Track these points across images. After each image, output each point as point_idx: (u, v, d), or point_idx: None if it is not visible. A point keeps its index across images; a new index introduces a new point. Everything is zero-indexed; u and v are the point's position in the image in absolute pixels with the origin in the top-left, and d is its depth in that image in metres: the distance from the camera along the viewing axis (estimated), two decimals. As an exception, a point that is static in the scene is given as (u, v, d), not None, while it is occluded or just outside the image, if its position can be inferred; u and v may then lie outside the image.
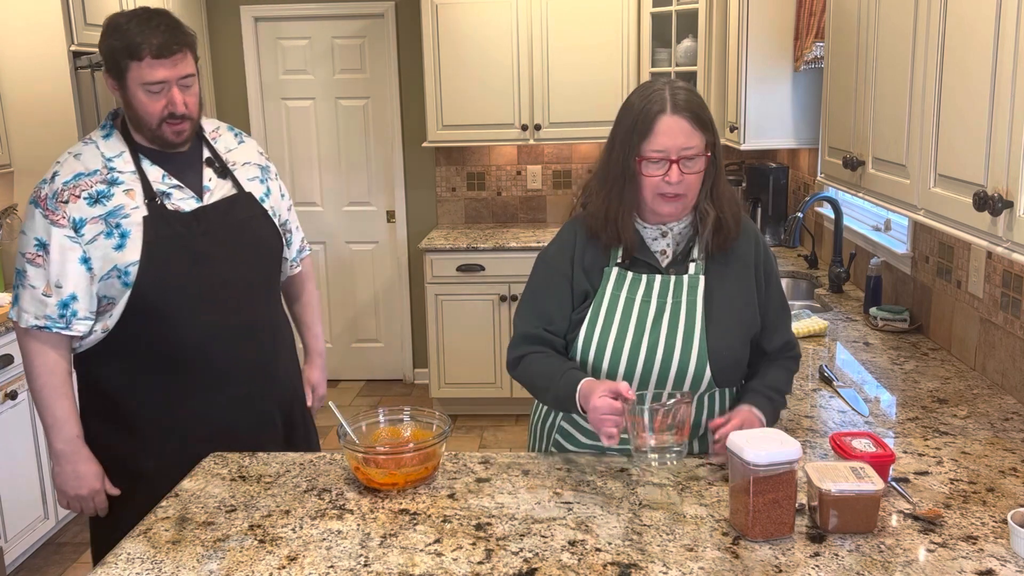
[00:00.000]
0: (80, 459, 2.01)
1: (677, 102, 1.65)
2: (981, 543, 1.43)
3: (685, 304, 1.75)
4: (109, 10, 4.00)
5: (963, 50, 1.66)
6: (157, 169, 2.01)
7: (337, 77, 5.27)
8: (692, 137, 1.66)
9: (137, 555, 1.48)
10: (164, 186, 2.00)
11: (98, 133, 2.03)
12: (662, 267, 1.78)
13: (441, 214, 5.35)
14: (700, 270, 1.77)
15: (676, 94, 1.67)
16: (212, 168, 2.08)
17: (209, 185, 2.06)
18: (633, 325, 1.75)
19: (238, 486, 1.72)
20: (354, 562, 1.43)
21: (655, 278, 1.77)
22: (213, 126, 2.18)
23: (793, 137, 3.75)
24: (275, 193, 2.21)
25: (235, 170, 2.12)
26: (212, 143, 2.12)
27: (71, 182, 1.95)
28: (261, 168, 2.19)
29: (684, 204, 1.72)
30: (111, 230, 1.93)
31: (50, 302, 1.94)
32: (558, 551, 1.44)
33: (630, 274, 1.77)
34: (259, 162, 2.20)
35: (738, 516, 1.48)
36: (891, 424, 2.02)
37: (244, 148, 2.19)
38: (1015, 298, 2.16)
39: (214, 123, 2.20)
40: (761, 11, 3.65)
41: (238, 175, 2.12)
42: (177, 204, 2.00)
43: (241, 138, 2.22)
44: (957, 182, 1.68)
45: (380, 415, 1.86)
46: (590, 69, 4.68)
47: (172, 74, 1.92)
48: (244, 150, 2.19)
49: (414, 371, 5.53)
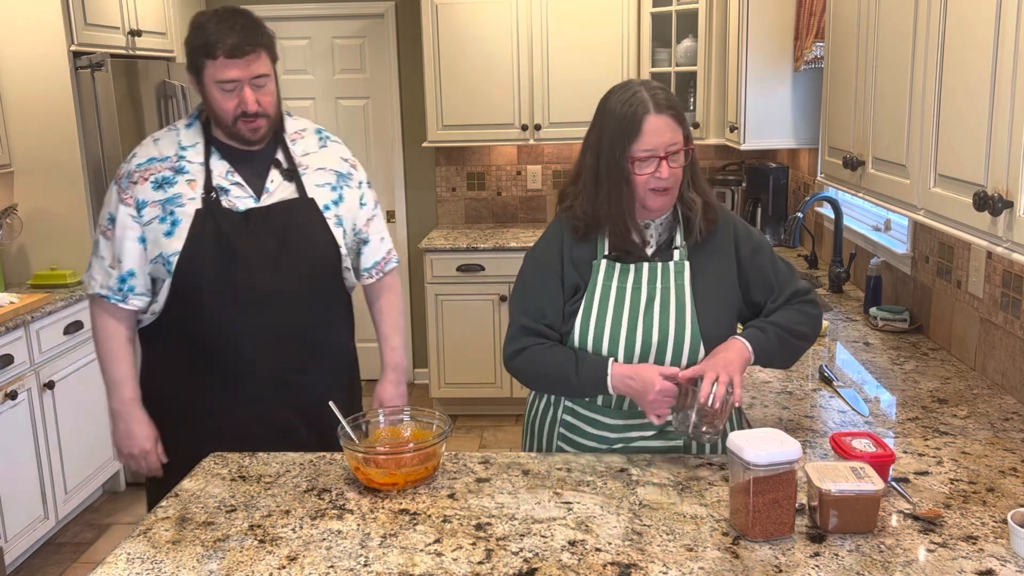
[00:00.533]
0: (133, 420, 2.09)
1: (659, 101, 1.74)
2: (981, 543, 1.43)
3: (674, 288, 1.82)
4: (109, 10, 4.00)
5: (963, 50, 1.66)
6: (224, 164, 2.05)
7: (337, 77, 5.27)
8: (676, 133, 1.75)
9: (137, 555, 1.48)
10: (225, 182, 2.04)
11: (183, 122, 2.12)
12: (648, 255, 1.85)
13: (441, 214, 5.35)
14: (684, 256, 1.84)
15: (655, 94, 1.75)
16: (279, 169, 2.09)
17: (270, 187, 2.07)
18: (627, 312, 1.81)
19: (238, 486, 1.72)
20: (354, 562, 1.43)
21: (643, 266, 1.83)
22: (299, 127, 2.19)
23: (793, 137, 3.75)
24: (350, 201, 2.18)
25: (304, 174, 2.11)
26: (290, 144, 2.13)
27: (144, 165, 2.05)
28: (339, 175, 2.17)
29: (672, 197, 1.80)
30: (165, 216, 2.01)
31: (113, 274, 2.06)
32: (558, 551, 1.44)
33: (618, 264, 1.84)
34: (338, 168, 2.18)
35: (738, 516, 1.48)
36: (891, 424, 2.02)
37: (325, 152, 2.18)
38: (1015, 298, 2.16)
39: (303, 124, 2.21)
40: (761, 11, 3.65)
41: (306, 179, 2.11)
42: (233, 201, 2.03)
43: (326, 142, 2.20)
44: (957, 182, 1.68)
45: (380, 415, 1.86)
46: (590, 69, 4.68)
47: (244, 74, 1.96)
48: (325, 155, 2.18)
49: (414, 371, 5.53)
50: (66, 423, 3.58)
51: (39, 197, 3.89)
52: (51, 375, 3.50)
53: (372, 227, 2.26)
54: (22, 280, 3.94)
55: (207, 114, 2.07)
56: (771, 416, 2.07)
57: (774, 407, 2.13)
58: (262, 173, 2.07)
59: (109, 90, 3.82)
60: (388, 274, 2.32)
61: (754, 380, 2.32)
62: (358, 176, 2.23)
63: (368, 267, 2.27)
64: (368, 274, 2.28)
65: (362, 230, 2.23)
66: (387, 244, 2.31)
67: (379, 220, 2.29)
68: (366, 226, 2.24)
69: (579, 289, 1.84)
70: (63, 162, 3.85)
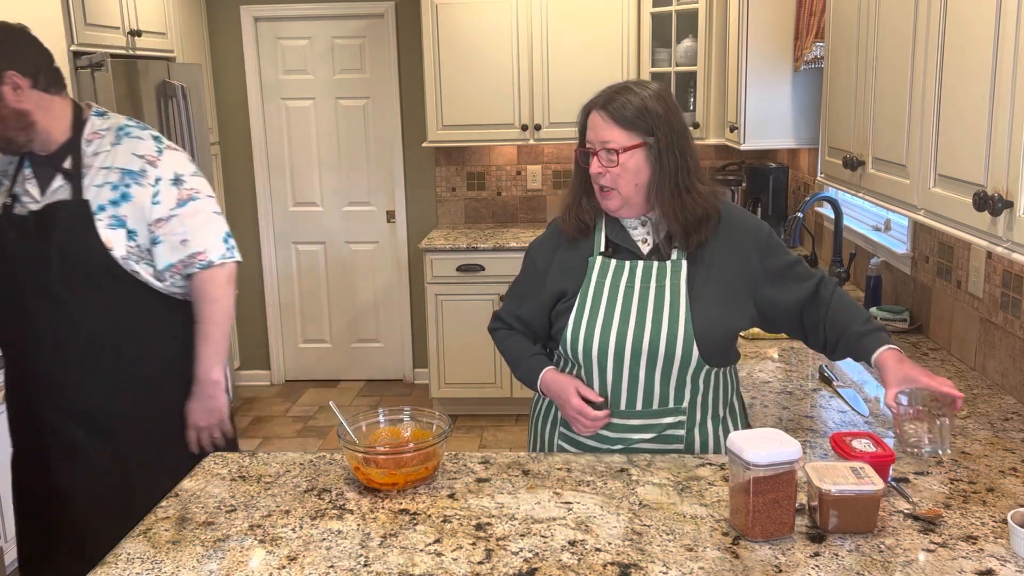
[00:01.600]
0: None
1: (606, 100, 1.78)
2: (981, 543, 1.43)
3: (669, 288, 1.80)
4: (109, 10, 4.00)
5: (963, 50, 1.66)
6: (26, 171, 2.14)
7: (337, 77, 5.27)
8: (611, 132, 1.76)
9: (137, 555, 1.48)
10: (20, 188, 2.13)
11: None
12: (643, 254, 1.84)
13: (441, 214, 5.35)
14: (682, 255, 1.82)
15: (610, 93, 1.79)
16: (61, 172, 2.12)
17: (51, 190, 2.11)
18: (619, 310, 1.81)
19: (238, 486, 1.72)
20: (354, 562, 1.43)
21: (637, 264, 1.83)
22: (102, 126, 2.16)
23: (793, 137, 3.75)
24: (139, 199, 2.09)
25: (86, 174, 2.10)
26: (84, 145, 2.13)
27: None
28: (125, 172, 2.10)
29: (618, 199, 1.80)
30: None
31: None
32: (558, 551, 1.44)
33: (613, 262, 1.84)
34: (126, 165, 2.11)
35: (738, 516, 1.48)
36: (891, 424, 2.02)
37: (116, 151, 2.12)
38: (1015, 298, 2.16)
39: (110, 123, 2.17)
40: (761, 11, 3.65)
41: (85, 180, 2.09)
42: (24, 206, 2.12)
43: (121, 139, 2.14)
44: (957, 182, 1.68)
45: (380, 415, 1.86)
46: (590, 69, 4.68)
47: None
48: (114, 152, 2.12)
49: (414, 371, 5.53)
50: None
51: (39, 197, 3.88)
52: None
53: (166, 227, 2.12)
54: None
55: None
56: (771, 416, 2.07)
57: (774, 407, 2.13)
58: (51, 177, 2.12)
59: (109, 90, 3.82)
60: (197, 278, 2.17)
61: (754, 380, 2.32)
62: (156, 173, 2.11)
63: (161, 269, 2.14)
64: (164, 276, 2.16)
65: (151, 229, 2.11)
66: (192, 247, 2.14)
67: (183, 221, 2.13)
68: (156, 225, 2.11)
69: (565, 294, 1.87)
70: (63, 162, 3.84)
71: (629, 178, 1.78)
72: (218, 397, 2.21)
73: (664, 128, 1.76)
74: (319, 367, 5.62)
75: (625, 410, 1.84)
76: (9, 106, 2.04)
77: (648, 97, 1.77)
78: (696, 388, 1.83)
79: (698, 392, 1.83)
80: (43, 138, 2.10)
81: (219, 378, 2.21)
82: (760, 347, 2.62)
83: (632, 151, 1.76)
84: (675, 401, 1.82)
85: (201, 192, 2.18)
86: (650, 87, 1.81)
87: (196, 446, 2.24)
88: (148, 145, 2.14)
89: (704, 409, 1.85)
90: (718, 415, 1.88)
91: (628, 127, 1.76)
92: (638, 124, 1.76)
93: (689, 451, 1.85)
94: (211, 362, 2.19)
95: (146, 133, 2.18)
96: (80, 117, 2.16)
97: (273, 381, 5.61)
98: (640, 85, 1.81)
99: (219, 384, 2.21)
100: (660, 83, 1.88)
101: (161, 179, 2.12)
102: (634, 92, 1.78)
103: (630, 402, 1.82)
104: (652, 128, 1.76)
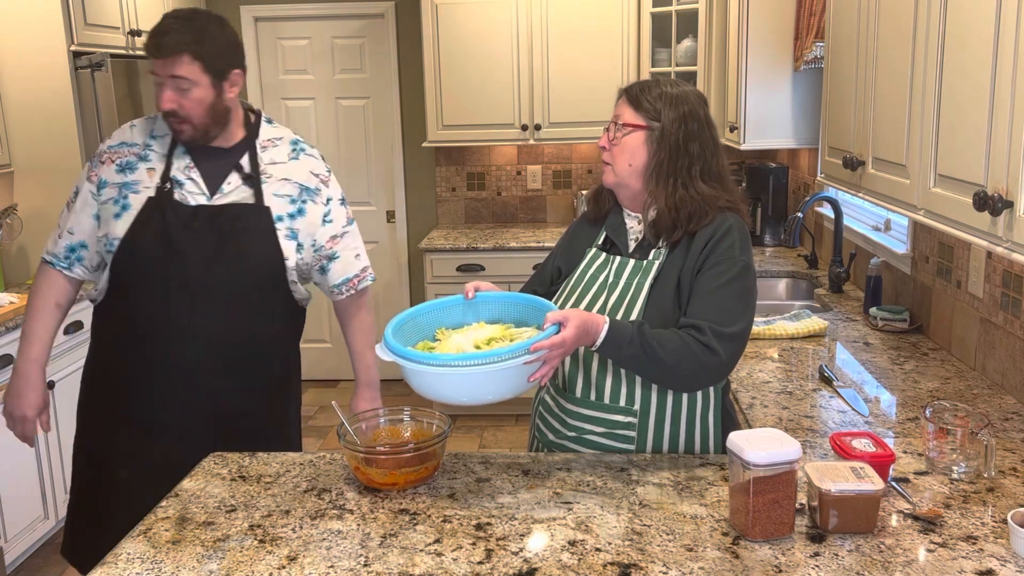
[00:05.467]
0: (27, 382, 2.17)
1: (630, 86, 1.88)
2: (981, 543, 1.44)
3: (634, 286, 1.83)
4: (109, 10, 4.00)
5: (963, 50, 1.66)
6: (186, 159, 2.09)
7: (337, 77, 5.27)
8: (622, 109, 1.85)
9: (137, 555, 1.48)
10: (182, 175, 2.08)
11: None
12: (628, 251, 1.89)
13: (441, 214, 5.35)
14: (658, 257, 1.83)
15: (638, 82, 1.88)
16: (239, 173, 2.10)
17: (226, 188, 2.08)
18: (587, 302, 1.87)
19: (238, 486, 1.72)
20: (354, 562, 1.43)
21: (626, 261, 1.87)
22: (275, 135, 2.19)
23: (793, 137, 3.75)
24: (311, 216, 2.16)
25: (266, 182, 2.12)
26: (260, 150, 2.14)
27: (115, 147, 2.14)
28: (304, 188, 2.16)
29: (612, 175, 1.86)
30: (119, 199, 2.08)
31: (61, 243, 2.16)
32: (558, 551, 1.44)
33: (603, 255, 1.91)
34: (305, 182, 2.17)
35: (738, 516, 1.48)
36: (891, 424, 2.02)
37: (295, 164, 2.17)
38: (1015, 298, 2.16)
39: (281, 133, 2.21)
40: (761, 11, 3.65)
41: (266, 187, 2.11)
42: (185, 196, 2.07)
43: (298, 155, 2.20)
44: (957, 182, 1.68)
45: (380, 415, 1.86)
46: (590, 69, 4.68)
47: (163, 72, 2.01)
48: (293, 166, 2.17)
49: (414, 371, 5.52)
50: (66, 423, 3.57)
51: (39, 197, 3.89)
52: (51, 375, 3.49)
53: (341, 244, 2.23)
54: (22, 280, 3.94)
55: None
56: (771, 416, 2.07)
57: (774, 407, 2.13)
58: (223, 174, 2.10)
59: (109, 90, 3.82)
60: (362, 292, 2.31)
61: (754, 380, 2.33)
62: (327, 193, 2.21)
63: (337, 283, 2.25)
64: (339, 290, 2.26)
65: (325, 246, 2.20)
66: (362, 262, 2.30)
67: (351, 238, 2.26)
68: (331, 243, 2.21)
69: (561, 273, 1.98)
70: (63, 162, 3.84)
71: (625, 156, 1.82)
72: (379, 400, 2.41)
73: (674, 120, 1.79)
74: (319, 367, 5.61)
75: (580, 398, 1.84)
76: (224, 103, 2.06)
77: (670, 89, 1.83)
78: (648, 390, 1.80)
79: (651, 395, 1.80)
80: (227, 134, 2.11)
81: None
82: (760, 347, 2.62)
83: (633, 130, 1.81)
84: (626, 400, 1.80)
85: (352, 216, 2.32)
86: (682, 86, 1.86)
87: None
88: (321, 165, 2.23)
89: (660, 415, 1.81)
90: (678, 422, 1.82)
91: (637, 108, 1.82)
92: (647, 108, 1.81)
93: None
94: (376, 367, 2.35)
95: (316, 152, 2.26)
96: (251, 120, 2.18)
97: (273, 381, 5.60)
98: (673, 83, 1.85)
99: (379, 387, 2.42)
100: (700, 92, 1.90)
101: (332, 199, 2.22)
102: (660, 83, 1.84)
103: (584, 392, 1.83)
104: (660, 115, 1.80)
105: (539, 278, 2.05)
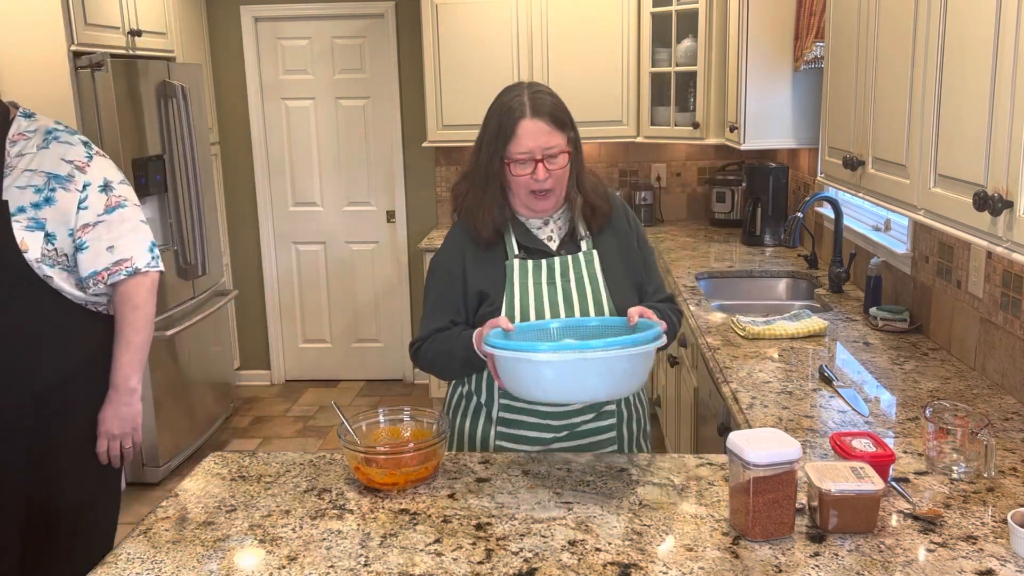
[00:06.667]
0: None
1: (536, 106, 1.81)
2: (981, 543, 1.44)
3: (587, 278, 1.89)
4: (109, 10, 4.00)
5: (963, 50, 1.66)
6: None
7: (337, 77, 5.27)
8: (552, 137, 1.82)
9: (137, 555, 1.48)
10: None
11: None
12: (553, 251, 1.92)
13: (441, 214, 5.35)
14: (591, 246, 1.92)
15: (535, 98, 1.82)
16: None
17: None
18: (547, 306, 1.88)
19: (238, 486, 1.72)
20: (354, 562, 1.43)
21: (554, 260, 1.90)
22: (28, 127, 2.11)
23: (793, 137, 3.75)
24: (63, 203, 2.06)
25: (7, 174, 2.05)
26: (9, 145, 2.08)
27: None
28: (51, 176, 2.07)
29: (556, 198, 1.89)
30: None
31: None
32: (558, 551, 1.44)
33: (530, 262, 1.91)
34: (53, 170, 2.07)
35: (738, 516, 1.48)
36: (891, 424, 2.02)
37: (43, 154, 2.08)
38: (1015, 298, 2.16)
39: (37, 124, 2.13)
40: (761, 11, 3.65)
41: (8, 180, 2.04)
42: None
43: (49, 143, 2.10)
44: (957, 182, 1.68)
45: (380, 415, 1.86)
46: (590, 69, 4.68)
47: None
48: (42, 156, 2.08)
49: (414, 371, 5.52)
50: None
51: (39, 197, 3.88)
52: None
53: (92, 233, 2.10)
54: None
55: None
56: (771, 416, 2.07)
57: (774, 407, 2.13)
58: None
59: (109, 90, 3.82)
60: (121, 286, 2.15)
61: (754, 380, 2.32)
62: (84, 179, 2.09)
63: (85, 276, 2.11)
64: (88, 283, 2.12)
65: (76, 235, 2.08)
66: (118, 254, 2.12)
67: (110, 227, 2.12)
68: (81, 231, 2.09)
69: (488, 296, 1.88)
70: (63, 162, 3.84)
71: (565, 176, 1.88)
72: (134, 405, 2.20)
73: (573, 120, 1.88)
74: (319, 367, 5.62)
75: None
76: None
77: (548, 90, 1.88)
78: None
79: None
80: None
81: (136, 386, 2.19)
82: (760, 347, 2.62)
83: (564, 150, 1.84)
84: None
85: (129, 200, 2.18)
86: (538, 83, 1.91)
87: (106, 456, 2.20)
88: (78, 151, 2.12)
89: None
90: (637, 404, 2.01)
91: (562, 128, 1.83)
92: (565, 123, 1.85)
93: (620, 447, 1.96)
94: (131, 369, 2.17)
95: (75, 138, 2.15)
96: (6, 117, 2.11)
97: (273, 381, 5.61)
98: (533, 84, 1.89)
99: (136, 392, 2.20)
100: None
101: (90, 185, 2.10)
102: (544, 92, 1.86)
103: None
104: (570, 121, 1.86)
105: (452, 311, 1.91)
